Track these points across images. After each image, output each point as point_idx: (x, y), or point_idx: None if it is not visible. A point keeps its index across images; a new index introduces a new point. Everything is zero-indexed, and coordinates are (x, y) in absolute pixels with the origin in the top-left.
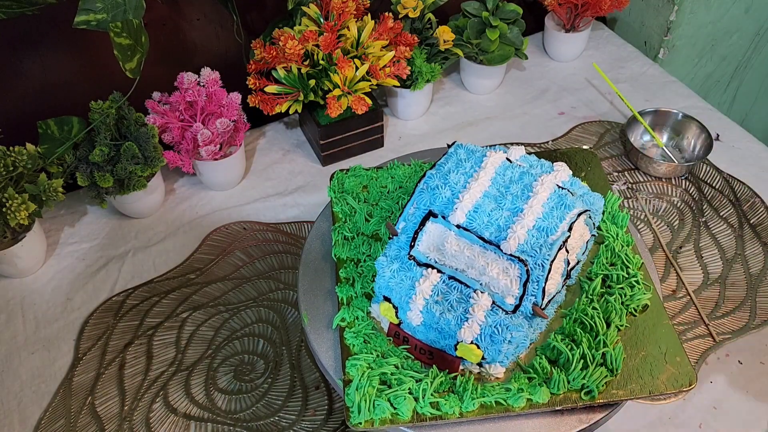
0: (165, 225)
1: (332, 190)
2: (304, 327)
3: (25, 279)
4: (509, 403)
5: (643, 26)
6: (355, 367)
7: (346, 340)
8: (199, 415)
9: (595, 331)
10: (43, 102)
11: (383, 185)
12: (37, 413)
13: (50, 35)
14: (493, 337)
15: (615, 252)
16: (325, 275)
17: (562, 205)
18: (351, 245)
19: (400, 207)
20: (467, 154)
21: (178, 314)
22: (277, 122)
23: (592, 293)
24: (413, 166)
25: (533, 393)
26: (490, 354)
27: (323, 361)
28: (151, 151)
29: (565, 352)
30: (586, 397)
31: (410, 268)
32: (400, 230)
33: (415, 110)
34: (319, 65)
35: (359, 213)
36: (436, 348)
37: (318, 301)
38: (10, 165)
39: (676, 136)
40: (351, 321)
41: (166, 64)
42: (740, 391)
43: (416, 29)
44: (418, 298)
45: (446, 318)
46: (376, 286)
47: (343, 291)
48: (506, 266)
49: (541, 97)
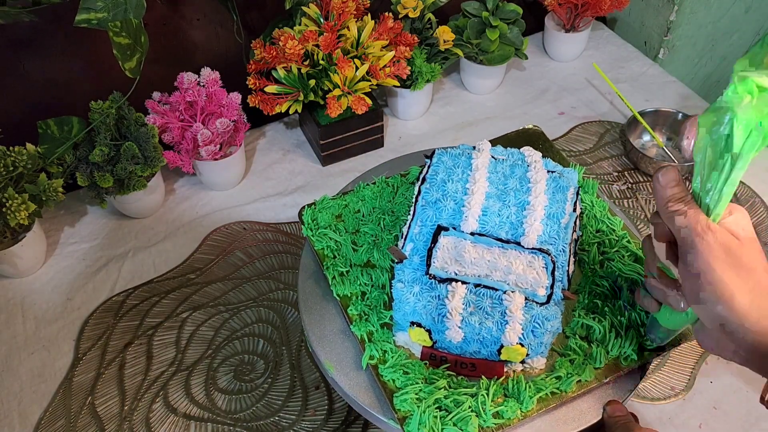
0: (165, 225)
1: (308, 228)
2: (331, 374)
3: (25, 279)
4: (563, 390)
5: (643, 26)
6: (406, 402)
7: (384, 377)
8: (199, 415)
9: (611, 298)
10: (43, 102)
11: (356, 210)
12: (37, 413)
13: (50, 35)
14: (535, 331)
15: (598, 218)
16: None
17: (559, 188)
18: (349, 279)
19: (383, 228)
20: (453, 160)
21: (178, 314)
22: (277, 122)
23: (593, 263)
24: (379, 184)
25: (581, 373)
26: (533, 349)
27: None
28: (151, 151)
29: (596, 326)
30: (626, 363)
31: (433, 287)
32: (408, 252)
33: (415, 110)
34: (319, 65)
35: (345, 245)
36: (478, 358)
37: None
38: (10, 165)
39: (676, 136)
40: (381, 356)
41: (166, 64)
42: (740, 391)
43: (416, 29)
44: (453, 314)
45: (487, 326)
46: (399, 314)
47: (360, 329)
48: (530, 260)
49: (541, 97)
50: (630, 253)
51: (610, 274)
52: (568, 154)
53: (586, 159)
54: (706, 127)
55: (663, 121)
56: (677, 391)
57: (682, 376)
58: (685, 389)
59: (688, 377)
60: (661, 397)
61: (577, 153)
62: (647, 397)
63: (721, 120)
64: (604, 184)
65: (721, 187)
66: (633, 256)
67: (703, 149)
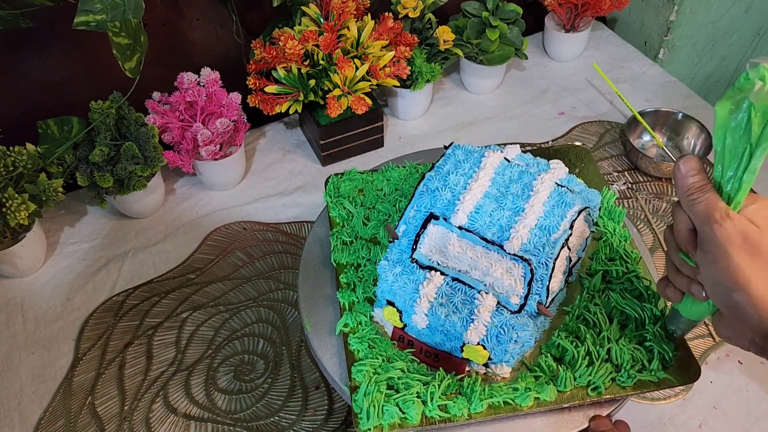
0: (165, 225)
1: (328, 194)
2: (306, 333)
3: (25, 279)
4: (517, 403)
5: (643, 26)
6: (361, 372)
7: (351, 345)
8: (199, 415)
9: (598, 327)
10: (43, 102)
11: (379, 188)
12: (37, 413)
13: (50, 35)
14: (499, 337)
15: (614, 247)
16: (325, 279)
17: (562, 203)
18: (350, 249)
19: (397, 210)
20: (465, 155)
21: (178, 314)
22: (277, 122)
23: (593, 289)
24: (408, 168)
25: (540, 391)
26: (496, 354)
27: (327, 367)
28: (151, 151)
29: (570, 350)
30: (592, 393)
31: (413, 271)
32: (401, 233)
33: (415, 110)
34: (319, 65)
35: (356, 217)
36: (441, 350)
37: (319, 306)
38: (10, 165)
39: (676, 136)
40: (354, 326)
41: (166, 64)
42: (740, 391)
43: (416, 29)
44: (422, 301)
45: (452, 320)
46: (378, 290)
47: (344, 296)
48: (510, 266)
49: (541, 97)
50: (634, 289)
51: (606, 305)
52: None
53: None
54: (724, 114)
55: (663, 121)
56: (677, 391)
57: None
58: (685, 389)
59: None
60: (661, 397)
61: None
62: (647, 397)
63: (738, 107)
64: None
65: (740, 175)
66: (636, 292)
67: (722, 137)
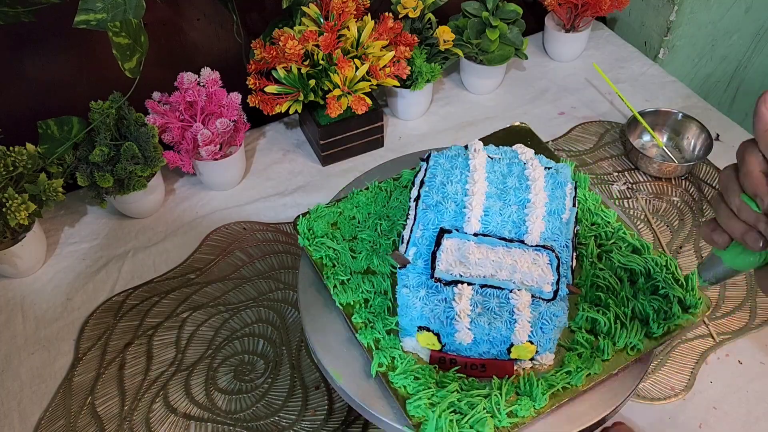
0: (165, 225)
1: (304, 238)
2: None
3: (25, 279)
4: (574, 384)
5: (643, 26)
6: (419, 408)
7: (395, 384)
8: (199, 415)
9: (613, 290)
10: (43, 102)
11: (351, 216)
12: (37, 413)
13: (50, 35)
14: (544, 327)
15: (592, 212)
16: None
17: (557, 183)
18: (351, 287)
19: (380, 234)
20: (450, 162)
21: (178, 314)
22: (277, 122)
23: (591, 256)
24: (372, 189)
25: (589, 366)
26: (542, 345)
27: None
28: (151, 151)
29: (601, 319)
30: (632, 353)
31: (439, 290)
32: (411, 256)
33: (415, 110)
34: (319, 65)
35: (343, 253)
36: (487, 359)
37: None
38: (10, 165)
39: (676, 136)
40: (389, 363)
41: (166, 64)
42: (740, 391)
43: (416, 29)
44: (461, 317)
45: (497, 326)
46: (404, 319)
47: (366, 336)
48: (534, 257)
49: (541, 97)
50: (627, 244)
51: (610, 267)
52: (569, 154)
53: (586, 159)
54: None
55: (663, 121)
56: (677, 391)
57: (682, 376)
58: (685, 389)
59: (688, 377)
60: (661, 397)
61: (577, 153)
62: (647, 397)
63: None
64: (604, 184)
65: None
66: (630, 247)
67: None
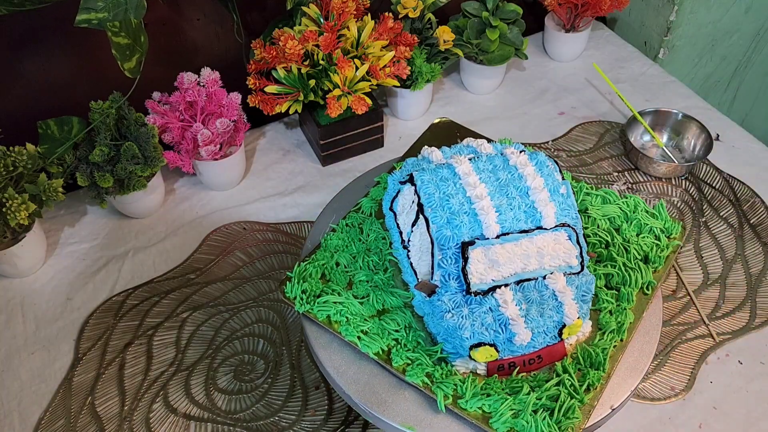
0: (165, 225)
1: (301, 304)
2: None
3: (25, 279)
4: (621, 339)
5: (643, 26)
6: (506, 423)
7: (470, 409)
8: (199, 415)
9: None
10: (43, 102)
11: (336, 263)
12: (37, 413)
13: (50, 35)
14: (584, 298)
15: None
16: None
17: (543, 164)
18: (378, 335)
19: (374, 270)
20: (433, 175)
21: (178, 314)
22: (277, 122)
23: None
24: (340, 227)
25: (624, 318)
26: (583, 316)
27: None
28: (151, 151)
29: (612, 271)
30: (649, 292)
31: (480, 302)
32: (438, 280)
33: (415, 110)
34: (319, 65)
35: (351, 305)
36: (541, 349)
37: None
38: (10, 165)
39: (676, 136)
40: (453, 393)
41: (166, 64)
42: (740, 391)
43: (416, 29)
44: (516, 320)
45: (549, 314)
46: (454, 342)
47: (416, 376)
48: (555, 237)
49: (541, 97)
50: (596, 197)
51: (593, 223)
52: (569, 154)
53: (586, 159)
54: None
55: (663, 121)
56: (677, 391)
57: (682, 376)
58: (685, 389)
59: (688, 377)
60: (661, 397)
61: (577, 153)
62: (647, 397)
63: None
64: (604, 184)
65: None
66: (601, 198)
67: None
